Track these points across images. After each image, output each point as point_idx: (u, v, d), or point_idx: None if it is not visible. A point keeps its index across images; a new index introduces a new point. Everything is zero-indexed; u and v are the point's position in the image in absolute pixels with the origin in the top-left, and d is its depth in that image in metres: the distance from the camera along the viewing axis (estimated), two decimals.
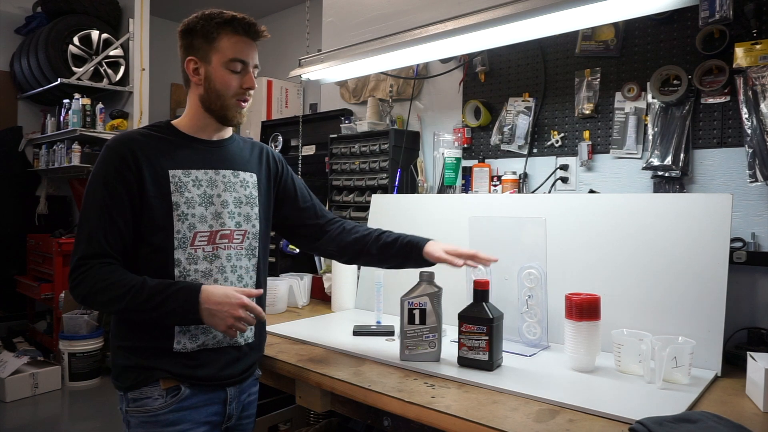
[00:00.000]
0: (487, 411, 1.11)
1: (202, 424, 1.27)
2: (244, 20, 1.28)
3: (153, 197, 1.24)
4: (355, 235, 1.51)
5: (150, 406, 1.23)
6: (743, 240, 1.59)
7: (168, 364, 1.24)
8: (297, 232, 1.56)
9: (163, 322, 1.22)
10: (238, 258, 1.34)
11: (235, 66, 1.28)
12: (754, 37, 1.56)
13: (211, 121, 1.33)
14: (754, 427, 1.03)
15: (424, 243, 1.43)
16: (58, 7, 3.95)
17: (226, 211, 1.32)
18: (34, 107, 4.39)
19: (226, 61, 1.27)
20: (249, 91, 1.31)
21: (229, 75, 1.28)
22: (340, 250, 1.52)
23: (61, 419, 3.28)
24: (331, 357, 1.51)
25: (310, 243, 1.57)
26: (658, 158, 1.75)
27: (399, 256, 1.45)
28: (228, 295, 1.18)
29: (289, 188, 1.52)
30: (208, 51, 1.28)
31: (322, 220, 1.54)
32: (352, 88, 2.87)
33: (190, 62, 1.30)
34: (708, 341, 1.37)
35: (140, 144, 1.26)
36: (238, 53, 1.28)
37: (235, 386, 1.33)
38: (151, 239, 1.24)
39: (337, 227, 1.54)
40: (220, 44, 1.27)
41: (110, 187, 1.22)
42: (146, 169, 1.24)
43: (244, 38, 1.29)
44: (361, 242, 1.49)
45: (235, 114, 1.31)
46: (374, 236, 1.49)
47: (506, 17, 1.48)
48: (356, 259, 1.55)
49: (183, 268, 1.25)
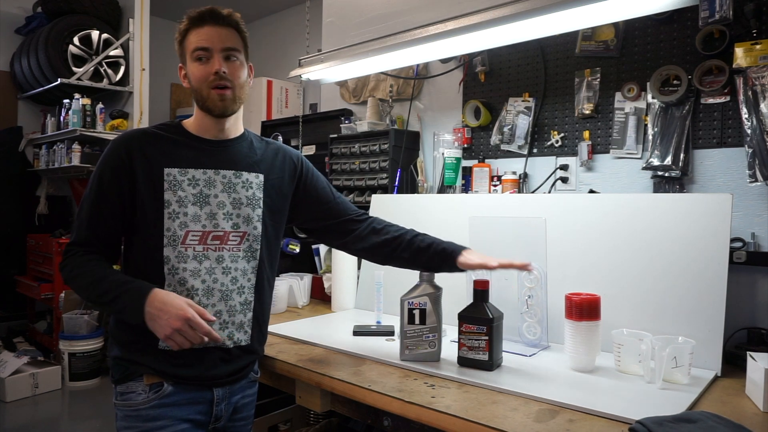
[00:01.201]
0: (487, 411, 1.11)
1: (182, 421, 1.26)
2: (200, 10, 1.29)
3: (145, 194, 1.27)
4: (386, 236, 1.47)
5: (133, 401, 1.25)
6: (743, 240, 1.59)
7: (152, 361, 1.25)
8: (323, 231, 1.53)
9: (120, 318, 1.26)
10: (234, 260, 1.33)
11: (199, 54, 1.28)
12: (754, 37, 1.56)
13: (210, 120, 1.33)
14: (754, 427, 1.03)
15: (458, 253, 1.39)
16: (58, 7, 3.95)
17: (222, 212, 1.32)
18: (34, 107, 4.39)
19: (190, 54, 1.29)
20: (219, 74, 1.27)
21: (196, 66, 1.28)
22: (371, 250, 1.50)
23: (61, 419, 3.28)
24: (331, 357, 1.51)
25: (337, 241, 1.54)
26: (658, 158, 1.75)
27: (432, 263, 1.42)
28: (173, 305, 1.16)
29: (310, 188, 1.50)
30: (183, 53, 1.32)
31: (348, 218, 1.51)
32: (352, 88, 2.87)
33: (180, 69, 1.35)
34: (708, 341, 1.37)
35: (139, 141, 1.29)
36: (198, 42, 1.28)
37: (222, 387, 1.32)
38: (142, 235, 1.28)
39: (366, 226, 1.50)
40: (186, 42, 1.30)
41: (103, 182, 1.28)
42: (139, 166, 1.27)
43: (204, 28, 1.28)
44: (392, 244, 1.46)
45: (216, 103, 1.29)
46: (407, 240, 1.45)
47: (506, 17, 1.48)
48: (388, 262, 1.51)
49: (172, 266, 1.27)
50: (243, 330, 1.34)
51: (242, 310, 1.34)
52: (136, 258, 1.30)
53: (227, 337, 1.31)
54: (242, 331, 1.34)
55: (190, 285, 1.27)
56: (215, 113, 1.31)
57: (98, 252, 1.29)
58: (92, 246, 1.28)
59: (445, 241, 1.44)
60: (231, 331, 1.32)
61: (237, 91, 1.31)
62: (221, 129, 1.36)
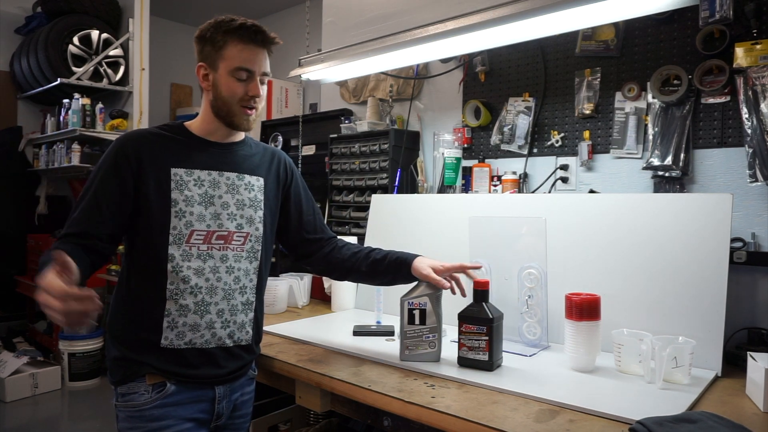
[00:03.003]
0: (487, 411, 1.11)
1: (186, 420, 1.27)
2: (251, 28, 1.28)
3: (152, 193, 1.27)
4: (347, 253, 1.52)
5: (136, 401, 1.25)
6: (743, 240, 1.59)
7: (154, 360, 1.26)
8: (292, 243, 1.56)
9: None
10: (237, 260, 1.35)
11: (241, 74, 1.29)
12: (754, 37, 1.56)
13: (221, 126, 1.35)
14: (754, 427, 1.03)
15: (412, 259, 1.44)
16: (58, 7, 3.95)
17: (226, 212, 1.33)
18: (34, 107, 4.38)
19: (231, 70, 1.29)
20: (255, 98, 1.32)
21: (234, 83, 1.29)
22: (330, 267, 1.55)
23: (61, 419, 3.28)
24: (331, 357, 1.51)
25: (301, 255, 1.58)
26: (659, 158, 1.75)
27: (388, 272, 1.47)
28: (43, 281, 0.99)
29: (293, 198, 1.52)
30: (215, 59, 1.30)
31: (320, 236, 1.56)
32: (352, 88, 2.87)
33: (200, 68, 1.33)
34: (708, 341, 1.37)
35: (147, 141, 1.30)
36: (244, 62, 1.28)
37: (224, 385, 1.33)
38: (147, 233, 1.28)
39: (330, 245, 1.55)
40: (227, 52, 1.28)
41: (105, 178, 1.27)
42: (148, 166, 1.28)
43: (250, 46, 1.29)
44: (351, 260, 1.51)
45: (242, 121, 1.33)
46: (364, 254, 1.50)
47: (506, 17, 1.48)
48: (346, 276, 1.56)
49: (176, 264, 1.27)
50: (244, 330, 1.36)
51: (244, 310, 1.36)
52: (139, 256, 1.30)
53: (228, 336, 1.32)
54: (243, 330, 1.36)
55: (193, 283, 1.28)
56: (239, 128, 1.35)
57: (88, 243, 1.23)
58: (84, 238, 1.23)
59: (399, 251, 1.48)
60: (232, 330, 1.33)
61: (260, 111, 1.36)
62: (229, 134, 1.38)
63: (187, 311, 1.27)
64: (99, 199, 1.26)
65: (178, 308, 1.27)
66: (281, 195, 1.49)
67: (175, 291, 1.27)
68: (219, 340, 1.31)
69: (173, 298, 1.27)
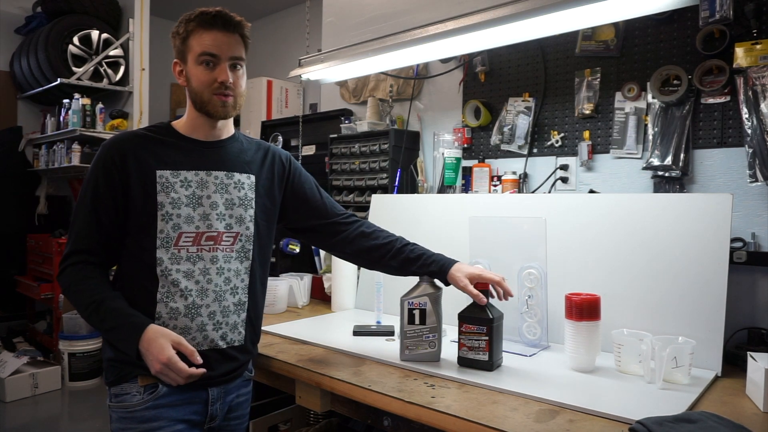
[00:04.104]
0: (487, 411, 1.11)
1: (178, 422, 1.26)
2: (211, 13, 1.26)
3: (138, 197, 1.26)
4: (375, 241, 1.47)
5: (128, 402, 1.25)
6: (743, 240, 1.59)
7: None
8: (311, 231, 1.53)
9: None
10: (227, 260, 1.33)
11: (206, 60, 1.27)
12: (754, 37, 1.56)
13: (204, 120, 1.33)
14: (754, 427, 1.03)
15: (449, 267, 1.40)
16: (58, 7, 3.95)
17: (215, 212, 1.31)
18: (34, 107, 4.39)
19: (196, 57, 1.27)
20: (224, 84, 1.28)
21: (201, 71, 1.27)
22: (359, 254, 1.50)
23: (61, 419, 3.28)
24: (331, 357, 1.51)
25: (324, 242, 1.55)
26: (658, 158, 1.75)
27: (422, 274, 1.43)
28: (156, 345, 1.17)
29: (298, 188, 1.49)
30: (184, 51, 1.30)
31: (335, 218, 1.51)
32: (352, 88, 2.87)
33: (176, 65, 1.33)
34: (708, 341, 1.37)
35: (131, 144, 1.29)
36: (206, 47, 1.26)
37: (217, 387, 1.32)
38: (135, 237, 1.27)
39: (354, 228, 1.50)
40: (191, 42, 1.28)
41: (98, 187, 1.27)
42: (133, 169, 1.27)
43: (212, 32, 1.27)
44: (380, 251, 1.46)
45: (217, 108, 1.29)
46: (396, 248, 1.45)
47: (506, 17, 1.48)
48: (374, 267, 1.52)
49: (165, 268, 1.26)
50: (237, 330, 1.34)
51: (236, 311, 1.34)
52: (129, 261, 1.29)
53: (220, 338, 1.31)
54: (236, 331, 1.34)
55: (183, 286, 1.27)
56: (215, 117, 1.32)
57: (97, 259, 1.28)
58: (91, 254, 1.27)
59: (435, 253, 1.45)
60: (224, 331, 1.32)
61: (238, 98, 1.33)
62: (213, 129, 1.36)
63: (177, 314, 1.26)
64: (98, 212, 1.26)
65: (168, 311, 1.26)
66: (282, 190, 1.47)
67: (166, 294, 1.26)
68: (211, 342, 1.29)
69: (163, 302, 1.26)
